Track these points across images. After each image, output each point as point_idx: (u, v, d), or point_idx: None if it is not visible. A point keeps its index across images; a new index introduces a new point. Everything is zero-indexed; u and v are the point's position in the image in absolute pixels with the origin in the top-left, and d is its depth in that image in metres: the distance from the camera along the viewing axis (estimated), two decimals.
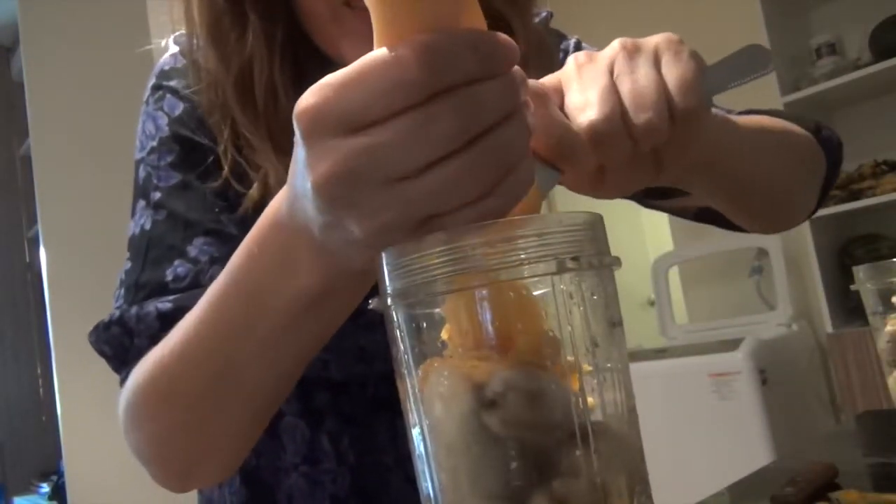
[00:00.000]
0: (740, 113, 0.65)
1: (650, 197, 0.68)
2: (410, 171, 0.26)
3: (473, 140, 0.26)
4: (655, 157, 0.42)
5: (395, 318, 0.28)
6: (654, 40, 0.40)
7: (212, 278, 0.43)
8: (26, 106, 2.36)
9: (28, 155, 2.54)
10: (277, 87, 0.57)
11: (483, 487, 0.26)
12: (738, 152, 0.51)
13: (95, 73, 2.30)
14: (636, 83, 0.37)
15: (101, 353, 0.56)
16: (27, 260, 3.16)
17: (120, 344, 0.54)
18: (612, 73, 0.38)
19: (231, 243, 0.55)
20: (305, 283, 0.36)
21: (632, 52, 0.39)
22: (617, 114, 0.36)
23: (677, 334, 2.69)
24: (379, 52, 0.27)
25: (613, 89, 0.37)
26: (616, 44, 0.40)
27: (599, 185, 0.42)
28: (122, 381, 0.53)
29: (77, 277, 2.25)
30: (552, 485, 0.26)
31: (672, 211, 0.71)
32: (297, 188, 0.31)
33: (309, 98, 0.27)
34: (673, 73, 0.38)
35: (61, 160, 2.32)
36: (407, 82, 0.25)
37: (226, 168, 0.57)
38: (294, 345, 0.41)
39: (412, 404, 0.28)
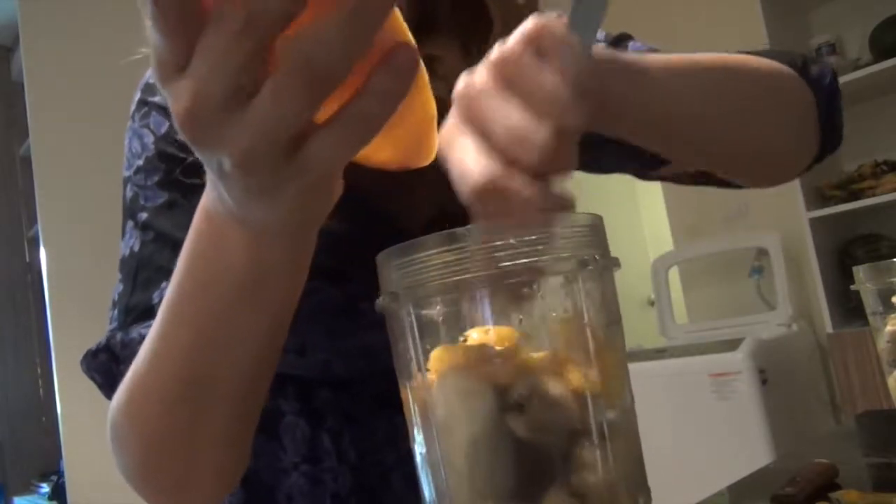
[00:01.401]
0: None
1: (644, 167, 0.65)
2: (230, 92, 0.26)
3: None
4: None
5: (403, 317, 0.28)
6: (499, 53, 0.37)
7: None
8: (26, 106, 2.37)
9: (28, 155, 2.54)
10: None
11: (500, 486, 0.26)
12: (649, 92, 0.46)
13: (95, 73, 2.30)
14: (510, 130, 0.34)
15: (93, 381, 0.56)
16: (27, 260, 3.16)
17: (108, 370, 0.54)
18: (471, 119, 0.36)
19: None
20: (238, 266, 0.37)
21: (488, 93, 0.36)
22: (497, 170, 0.34)
23: (677, 334, 2.69)
24: None
25: (483, 146, 0.35)
26: (461, 89, 0.37)
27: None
28: None
29: (77, 277, 2.25)
30: (570, 480, 0.26)
31: (669, 178, 0.68)
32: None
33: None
34: (538, 101, 0.34)
35: (61, 160, 2.32)
36: (155, 29, 0.26)
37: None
38: (248, 334, 0.41)
39: (418, 405, 0.28)
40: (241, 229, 0.35)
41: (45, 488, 2.74)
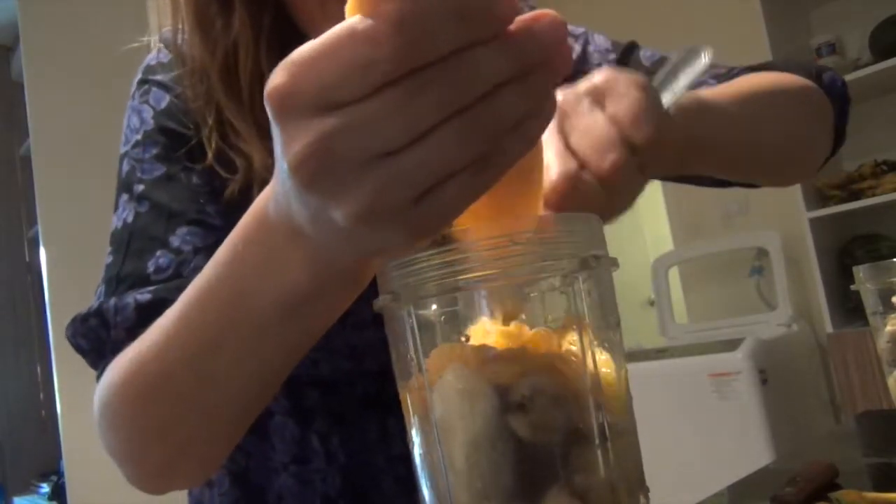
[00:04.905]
0: (733, 73, 0.66)
1: None
2: (392, 148, 0.24)
3: (463, 109, 0.24)
4: (638, 164, 0.43)
5: (403, 317, 0.28)
6: (592, 82, 0.40)
7: (195, 269, 0.42)
8: (26, 106, 2.36)
9: (28, 155, 2.54)
10: (264, 73, 0.56)
11: (501, 486, 0.26)
12: (722, 131, 0.52)
13: (95, 72, 2.30)
14: (589, 132, 0.38)
15: (78, 348, 0.54)
16: (27, 260, 3.16)
17: (97, 337, 0.52)
18: (562, 129, 0.39)
19: (215, 234, 0.55)
20: (291, 282, 0.35)
21: (574, 104, 0.40)
22: (574, 169, 0.37)
23: (677, 334, 2.69)
24: (349, 24, 0.23)
25: (566, 148, 0.38)
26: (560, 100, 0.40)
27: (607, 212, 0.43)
28: (99, 377, 0.51)
29: (77, 277, 2.23)
30: (571, 480, 0.26)
31: (689, 180, 0.71)
32: (280, 177, 0.30)
33: (278, 76, 0.25)
34: (620, 110, 0.38)
35: (61, 160, 2.31)
36: (381, 59, 0.23)
37: (210, 154, 0.56)
38: (278, 347, 0.39)
39: (418, 406, 0.28)
40: (309, 250, 0.32)
41: (45, 488, 2.74)
